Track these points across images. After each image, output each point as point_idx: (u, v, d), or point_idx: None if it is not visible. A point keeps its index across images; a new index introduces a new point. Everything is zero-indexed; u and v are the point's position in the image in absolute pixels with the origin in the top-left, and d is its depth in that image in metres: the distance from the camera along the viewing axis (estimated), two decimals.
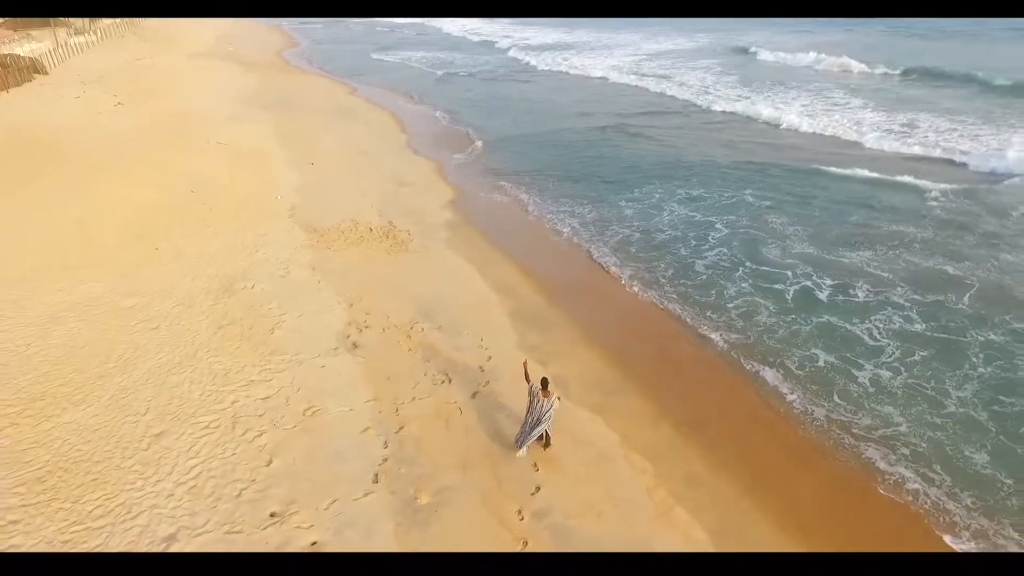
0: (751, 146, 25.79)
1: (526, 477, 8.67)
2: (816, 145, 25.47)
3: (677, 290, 14.49)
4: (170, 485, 7.90)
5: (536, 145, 26.77)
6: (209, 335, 11.18)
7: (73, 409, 9.17)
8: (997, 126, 26.12)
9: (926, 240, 16.40)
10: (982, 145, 23.88)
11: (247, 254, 14.47)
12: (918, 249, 15.93)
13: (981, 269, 14.82)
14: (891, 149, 24.31)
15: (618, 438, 9.69)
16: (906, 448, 9.83)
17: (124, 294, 12.46)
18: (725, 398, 11.14)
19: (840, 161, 22.79)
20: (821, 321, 13.05)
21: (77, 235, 15.07)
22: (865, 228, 17.26)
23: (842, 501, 9.07)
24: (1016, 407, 10.63)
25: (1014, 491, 9.07)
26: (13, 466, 8.13)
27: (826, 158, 23.33)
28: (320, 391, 9.93)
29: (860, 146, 25.10)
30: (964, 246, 16.03)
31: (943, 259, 15.35)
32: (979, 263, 15.10)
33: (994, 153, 22.63)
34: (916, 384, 11.16)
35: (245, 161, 21.43)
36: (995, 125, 26.28)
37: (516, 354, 11.64)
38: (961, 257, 15.40)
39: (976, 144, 24.04)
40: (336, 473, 8.28)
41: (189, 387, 9.75)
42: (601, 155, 25.05)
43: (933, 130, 26.18)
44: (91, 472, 8.06)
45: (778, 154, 24.43)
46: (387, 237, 16.40)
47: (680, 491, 8.78)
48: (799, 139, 26.65)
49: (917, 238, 16.51)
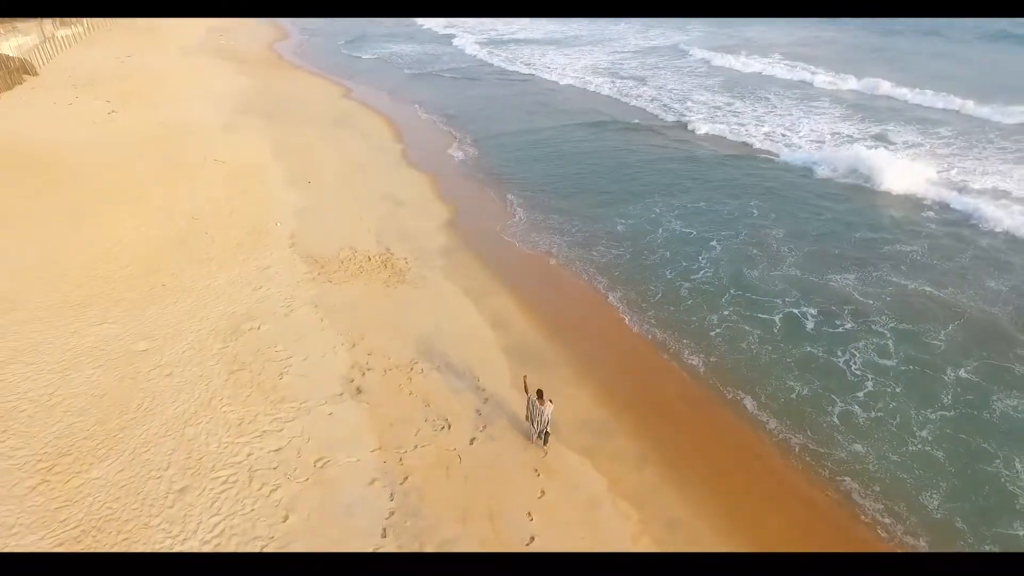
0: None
1: (522, 526, 9.47)
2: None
3: (664, 316, 15.32)
4: (196, 543, 8.64)
5: (524, 150, 27.41)
6: (221, 382, 11.84)
7: (99, 465, 9.85)
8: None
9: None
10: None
11: (251, 290, 15.07)
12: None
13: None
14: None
15: (606, 483, 10.51)
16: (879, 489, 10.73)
17: (137, 336, 13.07)
18: (707, 436, 11.97)
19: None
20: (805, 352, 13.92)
21: (84, 269, 15.58)
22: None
23: (818, 539, 9.96)
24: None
25: (964, 530, 9.99)
26: (50, 525, 8.83)
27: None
28: (329, 441, 10.65)
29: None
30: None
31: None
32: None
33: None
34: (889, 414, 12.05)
35: (243, 180, 21.85)
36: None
37: (511, 395, 12.44)
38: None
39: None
40: (348, 528, 9.05)
41: (206, 439, 10.44)
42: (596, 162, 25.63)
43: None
44: (122, 531, 8.77)
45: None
46: (385, 267, 17.02)
47: (661, 536, 9.62)
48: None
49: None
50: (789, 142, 28.12)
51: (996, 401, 12.55)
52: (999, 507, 10.39)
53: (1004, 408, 12.39)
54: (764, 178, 24.29)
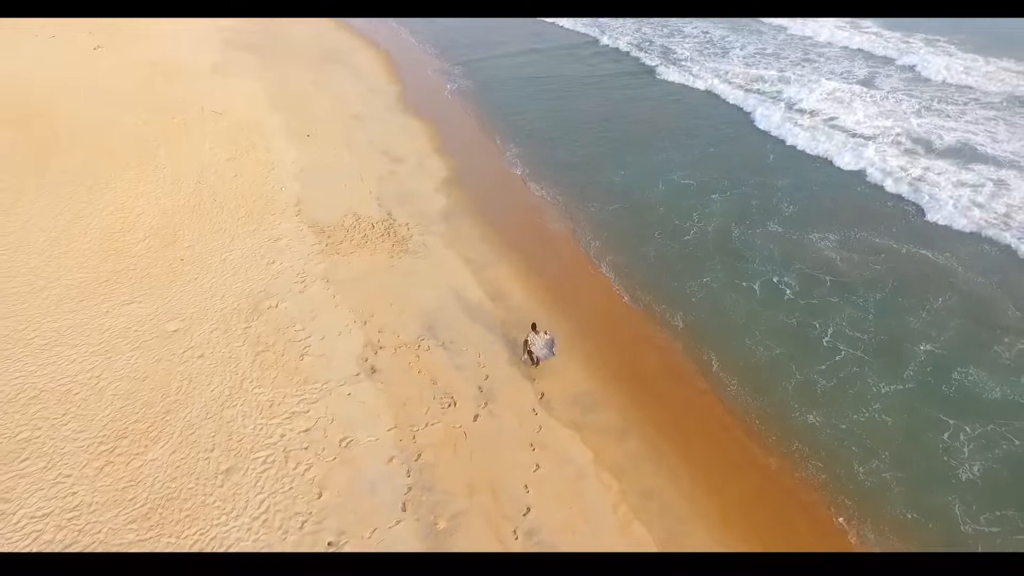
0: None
1: (519, 499, 11.18)
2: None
3: (654, 282, 16.61)
4: (247, 520, 10.29)
5: (514, 87, 27.53)
6: (248, 363, 13.18)
7: (153, 447, 11.34)
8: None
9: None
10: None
11: (265, 264, 16.09)
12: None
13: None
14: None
15: (592, 456, 12.16)
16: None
17: (166, 316, 14.24)
18: (681, 408, 13.56)
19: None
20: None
21: (104, 242, 16.45)
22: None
23: (768, 504, 11.77)
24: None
25: (896, 496, 11.78)
26: (121, 504, 10.42)
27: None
28: (350, 421, 12.15)
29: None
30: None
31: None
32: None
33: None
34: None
35: (243, 136, 22.19)
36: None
37: (509, 371, 13.92)
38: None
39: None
40: (373, 504, 10.71)
41: (243, 421, 11.91)
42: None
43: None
44: (184, 508, 10.39)
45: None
46: (388, 235, 17.97)
47: (637, 504, 11.38)
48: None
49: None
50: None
51: (958, 375, 13.89)
52: (937, 478, 12.00)
53: (965, 382, 13.75)
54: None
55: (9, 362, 12.79)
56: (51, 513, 10.17)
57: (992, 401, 13.40)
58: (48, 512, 10.18)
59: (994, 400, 13.43)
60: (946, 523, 11.25)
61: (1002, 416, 13.07)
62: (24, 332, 13.53)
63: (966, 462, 12.22)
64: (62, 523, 10.06)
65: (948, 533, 11.11)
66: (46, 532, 9.92)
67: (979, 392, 13.60)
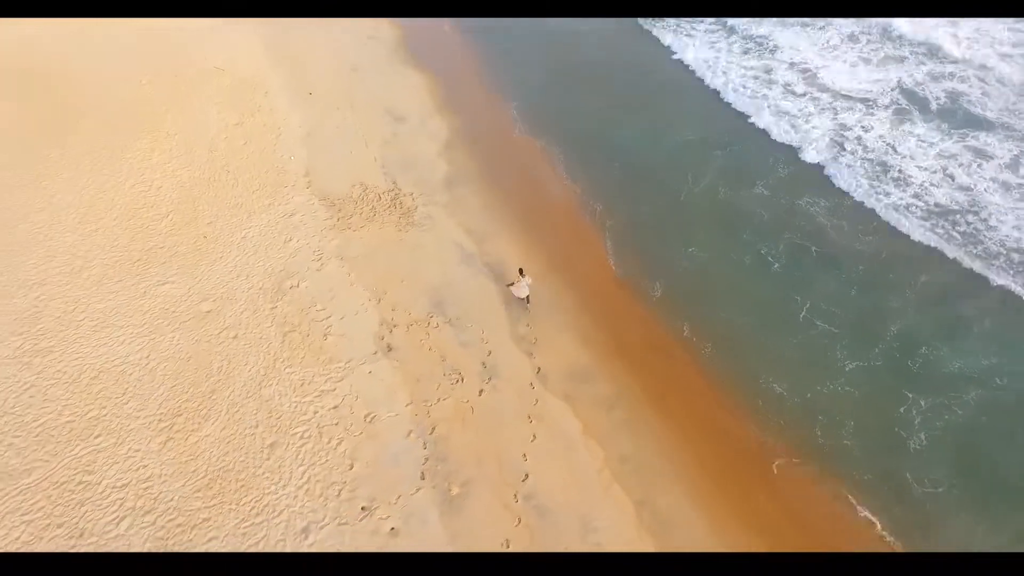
0: None
1: (519, 466, 13.26)
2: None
3: (646, 254, 18.08)
4: (293, 489, 12.35)
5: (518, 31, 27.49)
6: (278, 344, 14.85)
7: (205, 424, 13.23)
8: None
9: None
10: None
11: (283, 242, 17.37)
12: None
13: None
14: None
15: (581, 426, 14.17)
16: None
17: (199, 297, 15.74)
18: (661, 379, 15.46)
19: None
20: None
21: (129, 218, 17.59)
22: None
23: (735, 464, 13.91)
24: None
25: (852, 462, 13.81)
26: (185, 475, 12.43)
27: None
28: (372, 398, 14.01)
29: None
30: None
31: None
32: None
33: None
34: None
35: (247, 97, 22.64)
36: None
37: (509, 346, 15.68)
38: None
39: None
40: (397, 474, 12.75)
41: (280, 400, 13.75)
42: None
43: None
44: (239, 479, 12.42)
45: None
46: (395, 206, 19.12)
47: (617, 469, 13.50)
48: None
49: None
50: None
51: (924, 351, 15.56)
52: (892, 447, 14.04)
53: (929, 357, 15.42)
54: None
55: (66, 344, 14.42)
56: (129, 484, 12.19)
57: (948, 375, 15.20)
58: (126, 483, 12.20)
59: (949, 374, 15.23)
60: (896, 484, 13.34)
61: (954, 389, 14.93)
62: (74, 314, 15.06)
63: (916, 432, 14.22)
64: (139, 492, 12.10)
65: (898, 493, 13.22)
66: (128, 500, 11.98)
67: (938, 367, 15.36)
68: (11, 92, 21.48)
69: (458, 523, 12.19)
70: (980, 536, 12.63)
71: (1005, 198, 19.21)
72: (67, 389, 13.57)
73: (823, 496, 13.30)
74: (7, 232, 16.81)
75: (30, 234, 16.89)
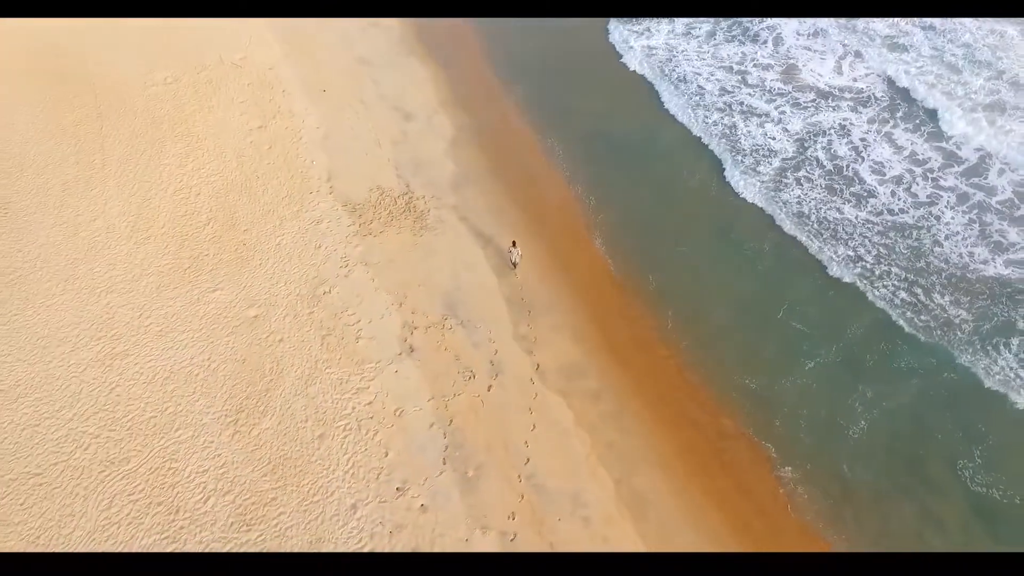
0: None
1: (521, 452, 16.28)
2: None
3: (640, 255, 20.58)
4: (341, 473, 15.35)
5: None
6: (318, 347, 17.53)
7: (264, 418, 16.09)
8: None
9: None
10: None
11: (313, 249, 19.73)
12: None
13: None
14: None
15: (573, 417, 17.12)
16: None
17: (245, 303, 18.27)
18: (643, 373, 18.34)
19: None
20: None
21: (174, 225, 19.83)
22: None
23: (703, 447, 17.00)
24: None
25: (800, 446, 16.97)
26: (253, 462, 15.38)
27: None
28: (401, 394, 16.85)
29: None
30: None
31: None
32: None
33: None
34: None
35: (266, 97, 24.31)
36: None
37: (512, 346, 18.43)
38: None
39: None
40: (423, 460, 15.76)
41: (323, 397, 16.58)
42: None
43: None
44: (296, 466, 15.39)
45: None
46: (409, 210, 21.38)
47: (602, 453, 16.56)
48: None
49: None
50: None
51: (880, 347, 18.45)
52: (836, 433, 17.04)
53: (886, 352, 18.34)
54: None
55: (139, 347, 17.06)
56: (208, 470, 15.17)
57: (896, 370, 18.12)
58: (206, 469, 15.17)
59: (898, 369, 18.14)
60: (835, 469, 16.43)
61: (900, 381, 17.88)
62: (141, 320, 17.62)
63: (858, 419, 17.21)
64: (218, 476, 15.09)
65: (840, 480, 16.25)
66: (209, 483, 14.98)
67: (891, 362, 18.26)
68: (49, 95, 23.09)
69: (474, 499, 15.30)
70: (894, 517, 15.87)
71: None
72: (145, 388, 16.33)
73: (764, 472, 16.47)
74: (70, 242, 19.08)
75: (90, 243, 19.18)
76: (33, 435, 15.32)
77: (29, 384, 16.11)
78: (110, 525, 14.15)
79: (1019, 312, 18.93)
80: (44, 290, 17.95)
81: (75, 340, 17.02)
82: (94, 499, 14.46)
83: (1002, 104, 24.54)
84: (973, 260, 20.20)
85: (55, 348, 16.84)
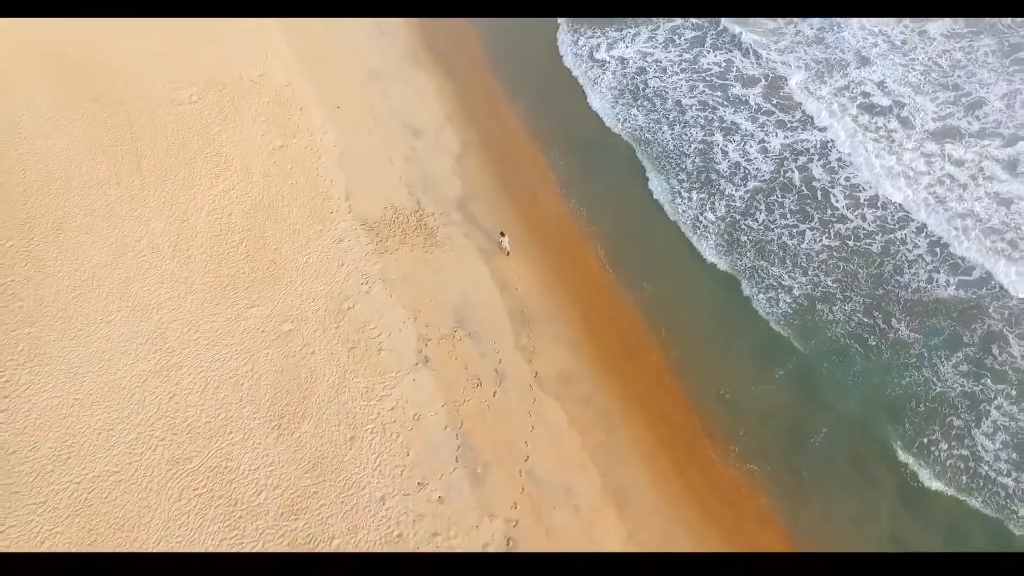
0: None
1: (522, 450, 19.14)
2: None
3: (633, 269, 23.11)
4: (370, 470, 18.20)
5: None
6: (345, 358, 20.18)
7: (303, 423, 18.85)
8: None
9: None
10: None
11: (336, 266, 22.17)
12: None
13: None
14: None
15: (567, 418, 19.94)
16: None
17: (280, 318, 20.83)
18: (630, 379, 21.08)
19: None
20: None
21: (213, 247, 22.20)
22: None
23: (676, 451, 19.89)
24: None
25: (775, 448, 19.85)
26: (296, 461, 18.20)
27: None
28: (418, 401, 19.59)
29: None
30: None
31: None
32: None
33: None
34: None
35: (284, 115, 26.29)
36: None
37: (514, 355, 21.11)
38: None
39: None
40: (439, 459, 18.60)
41: (352, 404, 19.31)
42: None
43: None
44: (332, 465, 18.22)
45: None
46: (420, 227, 23.73)
47: (592, 450, 19.43)
48: None
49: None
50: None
51: (850, 353, 21.21)
52: (794, 434, 19.82)
53: (850, 359, 21.06)
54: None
55: (191, 360, 19.69)
56: (259, 468, 18.01)
57: (853, 376, 20.88)
58: (257, 467, 18.01)
59: (855, 374, 20.90)
60: (791, 465, 19.32)
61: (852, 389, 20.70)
62: (190, 334, 20.20)
63: (815, 424, 20.05)
64: (268, 473, 17.94)
65: (793, 474, 19.18)
66: (260, 479, 17.83)
67: (851, 370, 21.02)
68: (83, 114, 25.06)
69: (482, 492, 18.22)
70: (838, 506, 18.86)
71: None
72: (200, 397, 19.03)
73: (730, 467, 19.42)
74: (120, 261, 21.48)
75: (138, 262, 21.58)
76: (108, 438, 18.08)
77: (100, 393, 18.78)
78: (181, 515, 17.05)
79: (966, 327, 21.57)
80: (103, 307, 20.44)
81: (135, 353, 19.61)
82: (166, 493, 17.32)
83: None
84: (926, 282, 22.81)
85: (118, 360, 19.45)
